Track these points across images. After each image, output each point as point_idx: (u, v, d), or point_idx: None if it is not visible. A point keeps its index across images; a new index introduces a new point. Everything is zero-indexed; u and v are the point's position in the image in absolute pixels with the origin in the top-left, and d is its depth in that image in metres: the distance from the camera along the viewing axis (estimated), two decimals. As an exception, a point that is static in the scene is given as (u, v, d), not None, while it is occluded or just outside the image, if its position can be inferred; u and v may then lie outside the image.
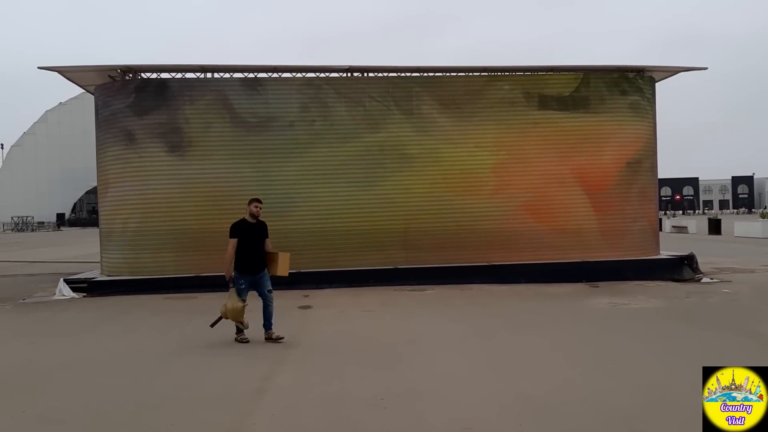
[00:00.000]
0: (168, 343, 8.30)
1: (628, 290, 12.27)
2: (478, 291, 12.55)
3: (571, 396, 5.58)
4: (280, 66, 14.28)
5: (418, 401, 5.50)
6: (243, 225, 8.02)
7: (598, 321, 9.35)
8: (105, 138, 14.08)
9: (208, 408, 5.42)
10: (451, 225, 13.90)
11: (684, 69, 15.53)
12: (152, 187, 13.57)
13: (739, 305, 10.68)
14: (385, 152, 13.96)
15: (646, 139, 14.86)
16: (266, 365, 6.90)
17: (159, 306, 11.52)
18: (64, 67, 14.12)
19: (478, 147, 14.10)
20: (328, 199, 13.76)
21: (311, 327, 9.30)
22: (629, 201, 14.55)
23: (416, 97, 14.14)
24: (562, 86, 14.49)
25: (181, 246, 13.39)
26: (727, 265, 16.34)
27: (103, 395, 5.88)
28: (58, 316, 10.78)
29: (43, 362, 7.27)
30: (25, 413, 5.39)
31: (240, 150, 13.66)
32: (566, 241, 14.11)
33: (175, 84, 13.84)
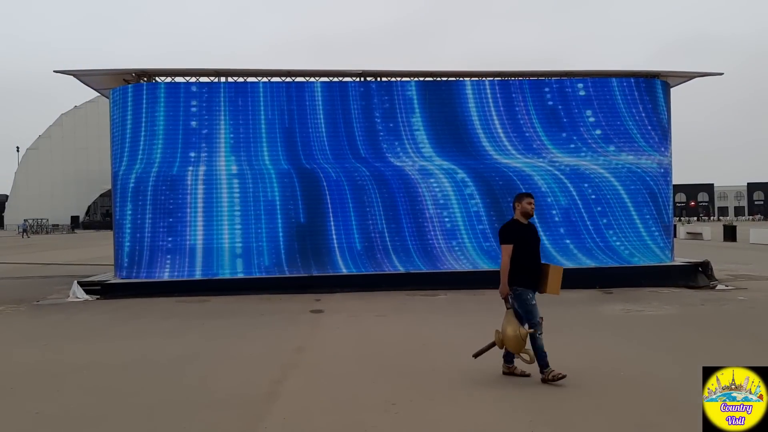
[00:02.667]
0: (180, 346, 8.32)
1: (642, 297, 12.16)
2: (490, 296, 12.46)
3: (584, 404, 5.53)
4: (294, 71, 14.36)
5: (430, 407, 5.48)
6: (518, 227, 6.41)
7: (611, 327, 9.27)
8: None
9: (220, 411, 5.42)
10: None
11: (699, 74, 15.42)
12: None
13: (754, 313, 10.55)
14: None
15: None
16: (278, 369, 6.89)
17: (171, 309, 11.57)
18: (79, 71, 14.26)
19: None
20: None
21: (323, 331, 9.30)
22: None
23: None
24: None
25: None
26: (742, 272, 16.18)
27: (116, 398, 5.90)
28: (72, 318, 10.84)
29: (57, 364, 7.32)
30: (38, 414, 5.42)
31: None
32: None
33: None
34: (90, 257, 25.08)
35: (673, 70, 15.11)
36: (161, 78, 14.40)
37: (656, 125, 14.72)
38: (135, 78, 14.31)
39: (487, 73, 14.81)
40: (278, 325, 9.74)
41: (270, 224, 13.95)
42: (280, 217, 13.99)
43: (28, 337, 9.23)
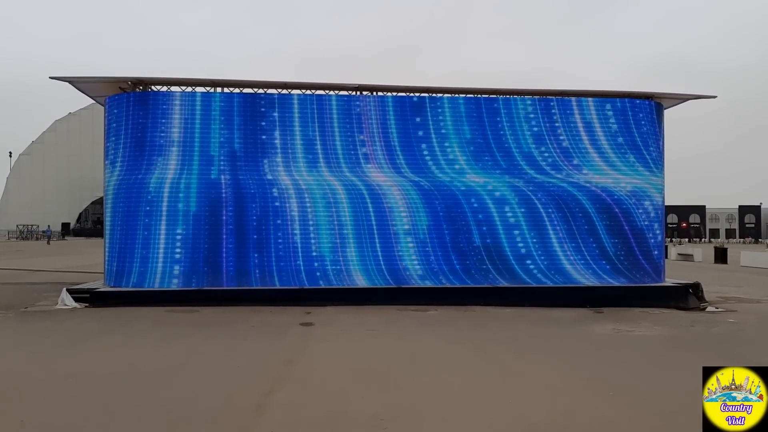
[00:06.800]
0: (168, 356, 8.26)
1: (632, 317, 12.18)
2: (481, 313, 12.48)
3: (572, 423, 5.52)
4: (290, 83, 14.38)
5: (418, 422, 5.45)
6: None
7: (601, 348, 9.26)
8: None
9: (207, 424, 5.38)
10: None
11: (693, 97, 15.56)
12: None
13: (744, 335, 10.58)
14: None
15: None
16: (266, 382, 6.85)
17: (160, 318, 11.49)
18: (75, 78, 14.23)
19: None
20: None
21: (312, 345, 9.25)
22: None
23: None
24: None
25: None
26: (732, 295, 16.23)
27: (102, 408, 5.85)
28: (60, 326, 10.75)
29: (43, 372, 7.25)
30: (23, 423, 5.36)
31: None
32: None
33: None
34: (79, 265, 24.92)
35: (666, 92, 15.22)
36: (157, 87, 14.40)
37: (650, 146, 14.82)
38: (131, 86, 14.30)
39: (476, 90, 14.86)
40: (268, 338, 9.69)
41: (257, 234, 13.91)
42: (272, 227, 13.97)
43: (15, 344, 9.14)
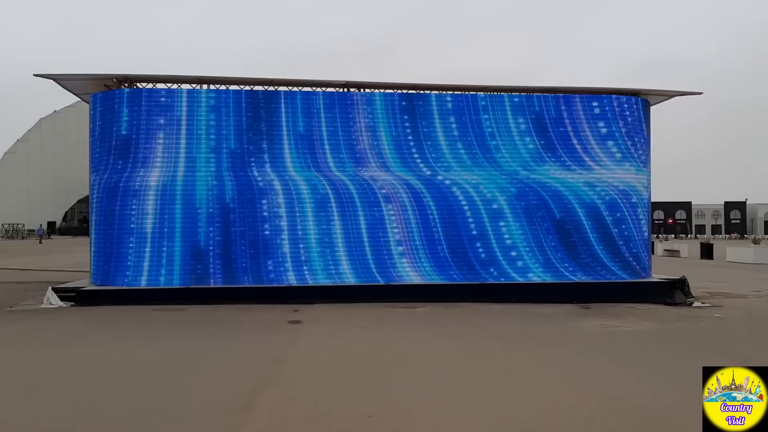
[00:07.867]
0: (154, 354, 8.20)
1: (619, 312, 12.23)
2: (469, 309, 12.49)
3: (560, 418, 5.54)
4: (276, 80, 14.31)
5: (406, 419, 5.44)
6: None
7: (589, 343, 9.31)
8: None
9: (194, 423, 5.34)
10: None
11: (679, 93, 15.65)
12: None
13: (730, 330, 10.66)
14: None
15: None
16: (254, 380, 6.82)
17: (147, 317, 11.41)
18: (59, 75, 14.10)
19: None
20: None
21: (301, 343, 9.22)
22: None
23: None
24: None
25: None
26: (718, 290, 16.35)
27: (87, 407, 5.80)
28: (45, 325, 10.65)
29: (28, 371, 7.18)
30: (7, 422, 5.30)
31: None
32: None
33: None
34: (67, 264, 24.72)
35: (653, 89, 15.30)
36: (142, 84, 14.29)
37: (636, 142, 14.88)
38: (116, 84, 14.18)
39: (464, 87, 14.84)
40: (256, 336, 9.65)
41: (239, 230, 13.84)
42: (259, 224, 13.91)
43: (0, 344, 9.05)
